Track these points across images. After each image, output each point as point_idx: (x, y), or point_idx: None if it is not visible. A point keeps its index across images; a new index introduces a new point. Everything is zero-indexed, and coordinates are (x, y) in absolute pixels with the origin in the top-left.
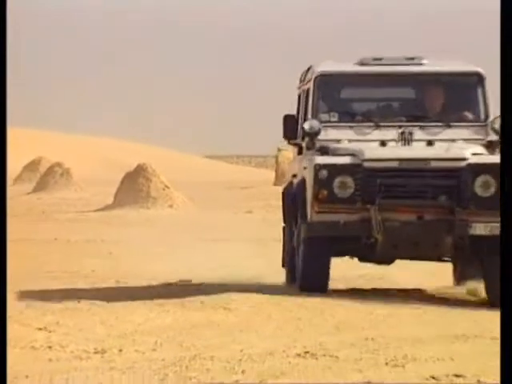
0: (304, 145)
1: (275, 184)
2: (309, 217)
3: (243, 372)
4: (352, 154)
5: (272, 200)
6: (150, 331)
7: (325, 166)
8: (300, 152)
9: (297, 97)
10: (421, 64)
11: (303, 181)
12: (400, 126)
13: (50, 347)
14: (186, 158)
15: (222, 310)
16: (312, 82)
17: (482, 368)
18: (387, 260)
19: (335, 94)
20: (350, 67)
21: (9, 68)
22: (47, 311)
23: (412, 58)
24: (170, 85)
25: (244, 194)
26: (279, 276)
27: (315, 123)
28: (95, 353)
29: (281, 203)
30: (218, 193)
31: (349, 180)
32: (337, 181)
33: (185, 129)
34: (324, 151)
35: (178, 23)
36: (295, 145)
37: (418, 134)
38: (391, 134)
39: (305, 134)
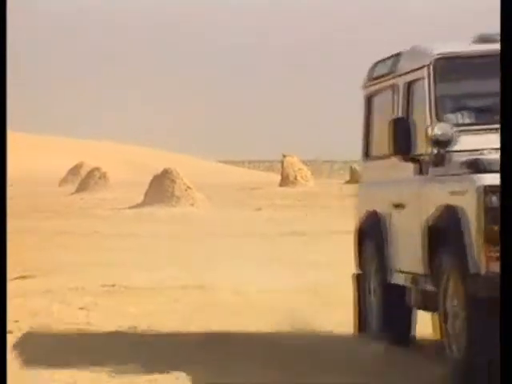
0: (428, 159)
1: (280, 185)
2: (479, 266)
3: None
4: None
5: (277, 199)
6: (175, 310)
7: (498, 189)
8: (421, 170)
9: (365, 100)
10: None
11: (451, 212)
12: None
13: (89, 323)
14: (202, 163)
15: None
16: (428, 70)
17: None
18: None
19: (460, 85)
20: (480, 47)
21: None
22: (87, 293)
23: None
24: (188, 97)
25: (253, 194)
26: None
27: (448, 128)
28: (128, 328)
29: (286, 201)
30: (231, 193)
31: None
32: None
33: (201, 137)
34: (476, 167)
35: (186, 27)
36: (410, 160)
37: None
38: None
39: (433, 143)
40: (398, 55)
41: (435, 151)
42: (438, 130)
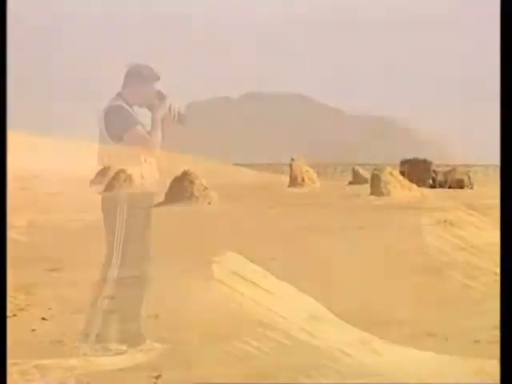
0: None
1: (289, 186)
2: None
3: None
4: None
5: (286, 199)
6: (197, 300)
7: None
8: None
9: None
10: None
11: None
12: None
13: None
14: (218, 165)
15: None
16: None
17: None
18: None
19: None
20: None
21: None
22: (112, 282)
23: None
24: (203, 102)
25: (265, 194)
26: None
27: None
28: (148, 317)
29: (294, 200)
30: (245, 193)
31: None
32: None
33: (217, 142)
34: None
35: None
36: None
37: None
38: None
39: None
40: None
41: None
42: None
